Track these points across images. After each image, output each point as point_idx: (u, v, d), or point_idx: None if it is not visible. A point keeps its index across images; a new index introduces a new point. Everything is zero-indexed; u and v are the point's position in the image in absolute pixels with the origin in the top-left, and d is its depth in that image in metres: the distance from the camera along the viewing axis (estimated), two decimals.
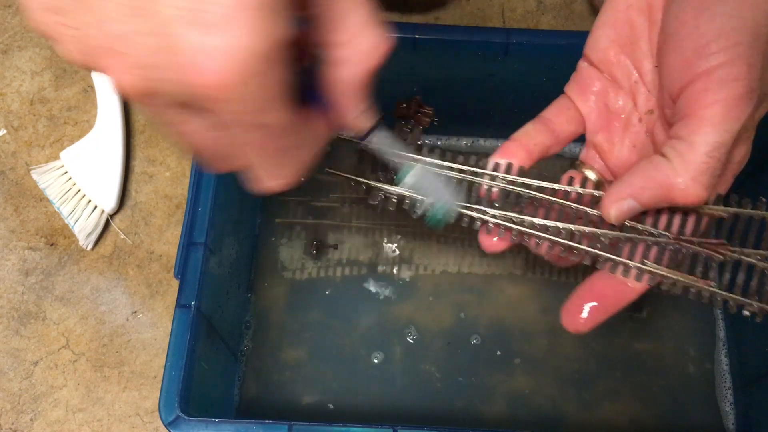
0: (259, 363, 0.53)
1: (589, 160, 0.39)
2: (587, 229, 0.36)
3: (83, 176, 0.57)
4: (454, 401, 0.52)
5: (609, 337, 0.54)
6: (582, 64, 0.38)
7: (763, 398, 0.49)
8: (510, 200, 0.37)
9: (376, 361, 0.53)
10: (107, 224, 0.57)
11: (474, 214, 0.37)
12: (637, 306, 0.54)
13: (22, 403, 0.51)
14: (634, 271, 0.35)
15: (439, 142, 0.60)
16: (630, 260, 0.35)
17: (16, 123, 0.61)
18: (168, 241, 0.57)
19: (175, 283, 0.52)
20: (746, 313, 0.35)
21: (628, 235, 0.35)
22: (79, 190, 0.56)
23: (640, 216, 0.35)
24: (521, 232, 0.36)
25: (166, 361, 0.41)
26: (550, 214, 0.36)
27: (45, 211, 0.58)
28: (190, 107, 0.25)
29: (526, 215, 0.36)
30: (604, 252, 0.35)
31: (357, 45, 0.27)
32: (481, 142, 0.60)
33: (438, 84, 0.55)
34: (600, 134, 0.38)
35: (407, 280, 0.56)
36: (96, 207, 0.56)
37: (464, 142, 0.60)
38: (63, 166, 0.57)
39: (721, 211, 0.35)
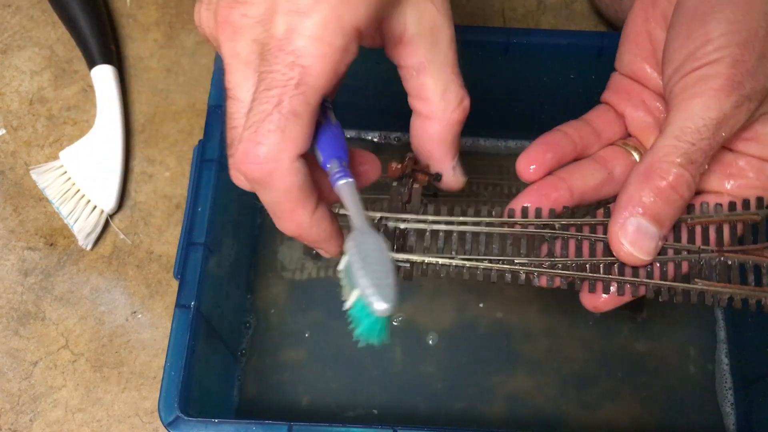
0: (258, 363, 0.53)
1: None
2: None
3: (82, 176, 0.57)
4: (454, 401, 0.52)
5: (609, 338, 0.54)
6: (615, 75, 0.39)
7: (763, 398, 0.49)
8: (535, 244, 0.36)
9: (376, 361, 0.53)
10: (106, 224, 0.57)
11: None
12: (637, 306, 0.54)
13: (21, 404, 0.51)
14: (695, 295, 0.33)
15: None
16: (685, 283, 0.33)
17: (16, 123, 0.61)
18: (167, 242, 0.57)
19: (175, 284, 0.52)
20: None
21: (666, 258, 0.33)
22: (79, 190, 0.56)
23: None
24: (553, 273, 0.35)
25: (165, 362, 0.41)
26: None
27: (44, 211, 0.58)
28: None
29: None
30: (648, 280, 0.34)
31: (441, 103, 0.32)
32: (481, 142, 0.60)
33: None
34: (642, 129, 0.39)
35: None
36: (95, 207, 0.56)
37: (464, 142, 0.60)
38: (62, 166, 0.57)
39: (752, 215, 0.34)
